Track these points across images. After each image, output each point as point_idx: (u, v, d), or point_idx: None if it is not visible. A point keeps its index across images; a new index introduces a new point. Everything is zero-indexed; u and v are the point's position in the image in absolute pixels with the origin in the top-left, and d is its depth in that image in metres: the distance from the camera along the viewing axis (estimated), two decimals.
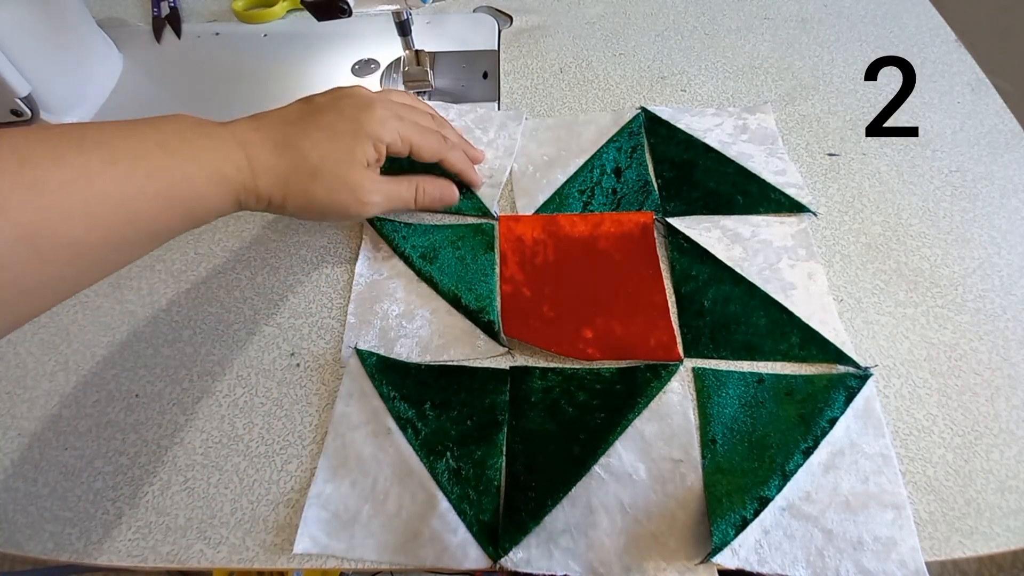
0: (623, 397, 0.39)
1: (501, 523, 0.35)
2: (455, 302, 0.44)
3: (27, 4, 0.50)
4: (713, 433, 0.38)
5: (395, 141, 0.41)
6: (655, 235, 0.47)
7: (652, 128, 0.54)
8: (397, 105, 0.43)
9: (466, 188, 0.50)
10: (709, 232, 0.47)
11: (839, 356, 0.40)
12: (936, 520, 0.35)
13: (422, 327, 0.43)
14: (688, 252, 0.46)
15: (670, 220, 0.47)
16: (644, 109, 0.55)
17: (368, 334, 0.43)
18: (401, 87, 0.59)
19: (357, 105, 0.40)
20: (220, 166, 0.34)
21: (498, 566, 0.33)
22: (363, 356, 0.41)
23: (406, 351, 0.42)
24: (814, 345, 0.41)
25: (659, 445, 0.37)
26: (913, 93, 0.57)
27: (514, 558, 0.34)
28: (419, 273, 0.45)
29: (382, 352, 0.42)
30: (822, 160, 0.52)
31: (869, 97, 0.57)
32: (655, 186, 0.50)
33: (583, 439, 0.38)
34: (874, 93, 0.57)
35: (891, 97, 0.56)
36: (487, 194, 0.50)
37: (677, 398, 0.39)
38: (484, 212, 0.49)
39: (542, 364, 0.41)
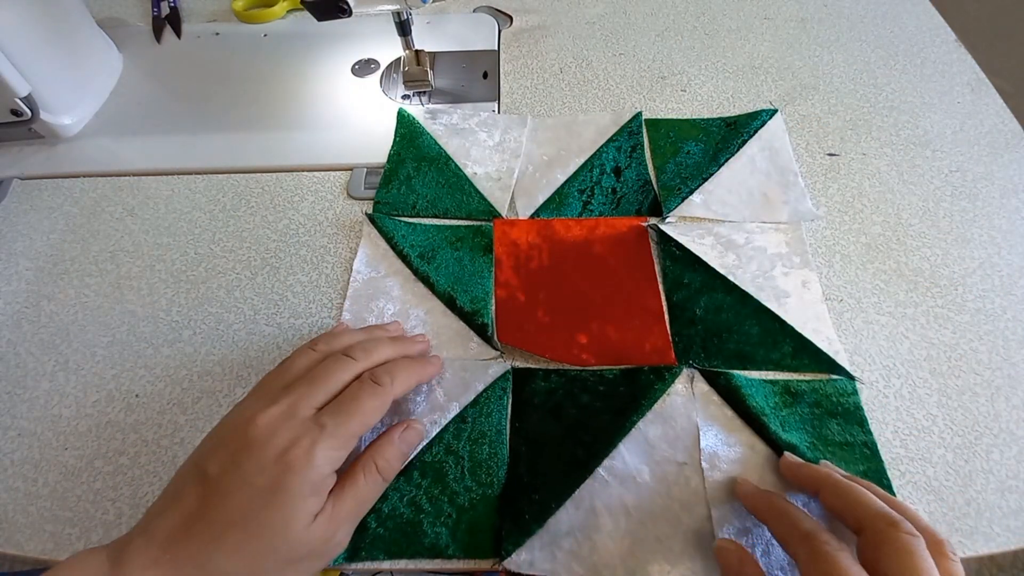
0: (626, 399, 0.39)
1: (504, 525, 0.35)
2: (450, 303, 0.44)
3: (27, 4, 0.50)
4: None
5: (340, 454, 0.30)
6: (649, 241, 0.47)
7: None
8: (308, 387, 0.32)
9: (474, 188, 0.50)
10: (702, 239, 0.47)
11: (832, 366, 0.40)
12: (936, 520, 0.35)
13: (416, 327, 0.43)
14: (680, 260, 0.46)
15: (662, 226, 0.47)
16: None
17: None
18: (401, 87, 0.59)
19: (265, 455, 0.28)
20: None
21: (501, 568, 0.33)
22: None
23: None
24: (807, 354, 0.41)
25: (663, 447, 0.37)
26: (913, 93, 0.57)
27: (517, 560, 0.34)
28: (416, 272, 0.45)
29: None
30: (822, 160, 0.52)
31: (869, 97, 0.57)
32: (655, 186, 0.50)
33: (586, 441, 0.37)
34: (874, 93, 0.57)
35: (891, 97, 0.56)
36: (497, 197, 0.50)
37: (681, 400, 0.39)
38: (494, 215, 0.49)
39: (544, 366, 0.41)
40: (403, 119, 0.55)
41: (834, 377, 0.40)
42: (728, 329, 0.42)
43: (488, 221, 0.49)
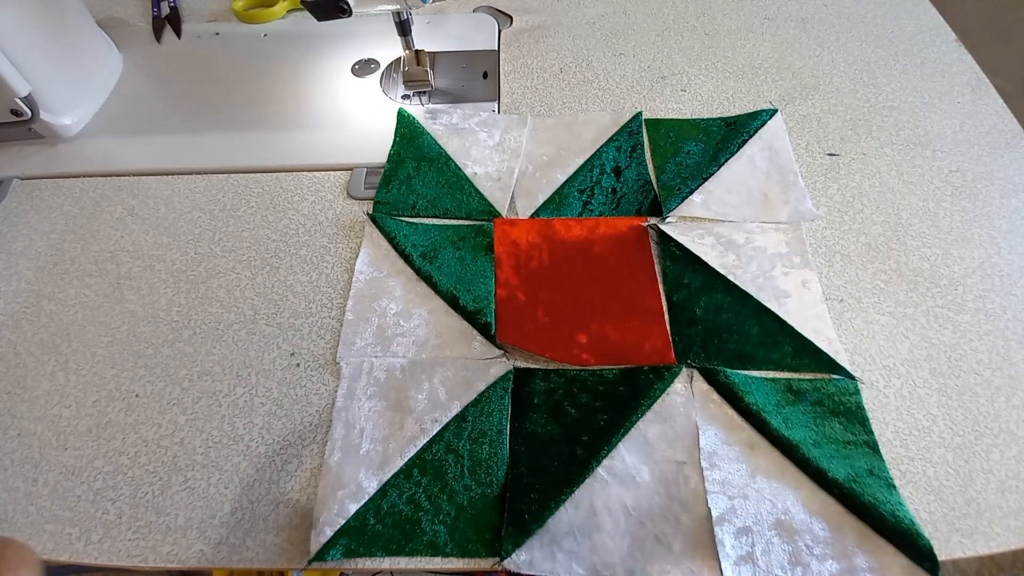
0: (626, 399, 0.39)
1: (504, 525, 0.35)
2: (453, 302, 0.44)
3: (27, 4, 0.50)
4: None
5: None
6: (649, 241, 0.47)
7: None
8: None
9: (474, 188, 0.50)
10: (703, 239, 0.47)
11: (831, 365, 0.40)
12: (936, 520, 0.35)
13: (419, 326, 0.43)
14: (680, 260, 0.46)
15: (663, 226, 0.47)
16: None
17: (366, 331, 0.43)
18: (401, 87, 0.59)
19: None
20: None
21: (501, 568, 0.33)
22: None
23: (403, 349, 0.42)
24: (806, 354, 0.41)
25: (662, 447, 0.37)
26: (913, 93, 0.57)
27: (517, 560, 0.34)
28: (418, 272, 0.45)
29: (379, 350, 0.42)
30: (822, 160, 0.52)
31: (869, 97, 0.57)
32: (655, 186, 0.50)
33: (586, 441, 0.37)
34: (874, 93, 0.57)
35: (891, 97, 0.56)
36: (497, 197, 0.50)
37: (680, 400, 0.39)
38: (494, 215, 0.49)
39: (544, 366, 0.41)
40: (403, 119, 0.55)
41: (835, 376, 0.40)
42: (728, 329, 0.42)
43: (488, 221, 0.49)
